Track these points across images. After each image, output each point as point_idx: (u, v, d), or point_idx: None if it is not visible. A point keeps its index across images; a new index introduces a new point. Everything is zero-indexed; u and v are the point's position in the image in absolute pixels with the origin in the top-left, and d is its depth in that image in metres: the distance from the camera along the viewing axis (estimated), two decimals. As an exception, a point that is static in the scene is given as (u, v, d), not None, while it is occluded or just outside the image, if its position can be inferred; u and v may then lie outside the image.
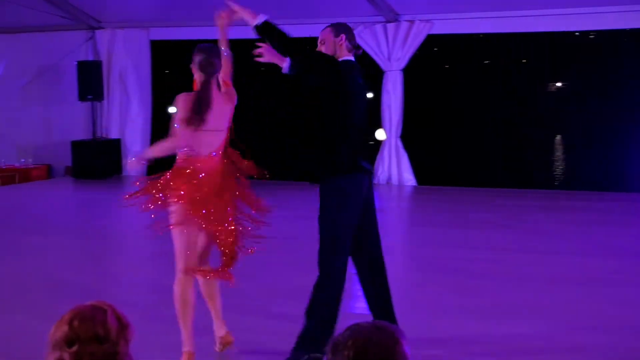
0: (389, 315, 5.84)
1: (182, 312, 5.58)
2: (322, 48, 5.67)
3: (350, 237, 5.62)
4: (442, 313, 7.16)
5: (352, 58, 5.73)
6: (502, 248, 10.08)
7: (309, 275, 5.79)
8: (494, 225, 11.78)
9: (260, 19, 5.56)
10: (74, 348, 2.49)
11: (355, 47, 5.74)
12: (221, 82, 5.67)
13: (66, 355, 2.49)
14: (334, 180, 5.57)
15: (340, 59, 5.63)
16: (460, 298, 7.66)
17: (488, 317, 7.04)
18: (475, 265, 9.11)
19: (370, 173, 5.82)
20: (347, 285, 5.78)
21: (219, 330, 5.98)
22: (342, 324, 6.15)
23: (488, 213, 12.96)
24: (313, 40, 5.88)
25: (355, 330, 2.45)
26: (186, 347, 5.63)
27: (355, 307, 7.09)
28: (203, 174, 5.51)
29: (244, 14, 5.71)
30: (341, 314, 5.76)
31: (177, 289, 5.59)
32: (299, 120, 15.88)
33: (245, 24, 5.67)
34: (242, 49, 6.25)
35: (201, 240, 5.62)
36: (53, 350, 2.53)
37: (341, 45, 5.63)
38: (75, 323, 2.52)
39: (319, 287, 5.64)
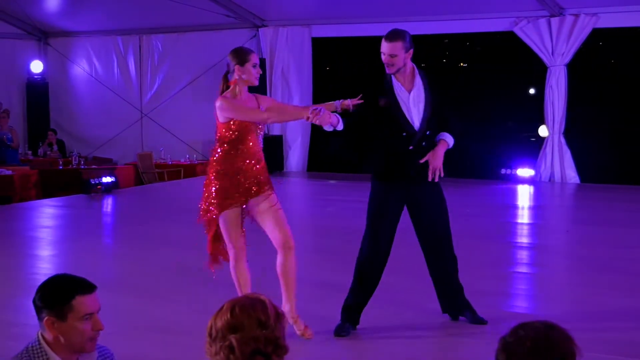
0: (457, 302, 6.32)
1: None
2: (394, 60, 6.01)
3: (380, 227, 6.11)
4: (608, 314, 6.89)
5: None
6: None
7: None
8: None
9: (340, 126, 5.98)
10: (239, 334, 2.57)
11: None
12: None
13: (233, 341, 2.57)
14: (372, 182, 6.26)
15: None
16: (625, 299, 7.38)
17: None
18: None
19: (412, 179, 6.10)
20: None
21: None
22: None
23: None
24: (477, 36, 5.97)
25: (530, 329, 2.43)
26: None
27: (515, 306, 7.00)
28: None
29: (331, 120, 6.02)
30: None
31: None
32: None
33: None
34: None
35: None
36: (216, 340, 2.61)
37: (410, 58, 6.09)
38: (237, 311, 2.60)
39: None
